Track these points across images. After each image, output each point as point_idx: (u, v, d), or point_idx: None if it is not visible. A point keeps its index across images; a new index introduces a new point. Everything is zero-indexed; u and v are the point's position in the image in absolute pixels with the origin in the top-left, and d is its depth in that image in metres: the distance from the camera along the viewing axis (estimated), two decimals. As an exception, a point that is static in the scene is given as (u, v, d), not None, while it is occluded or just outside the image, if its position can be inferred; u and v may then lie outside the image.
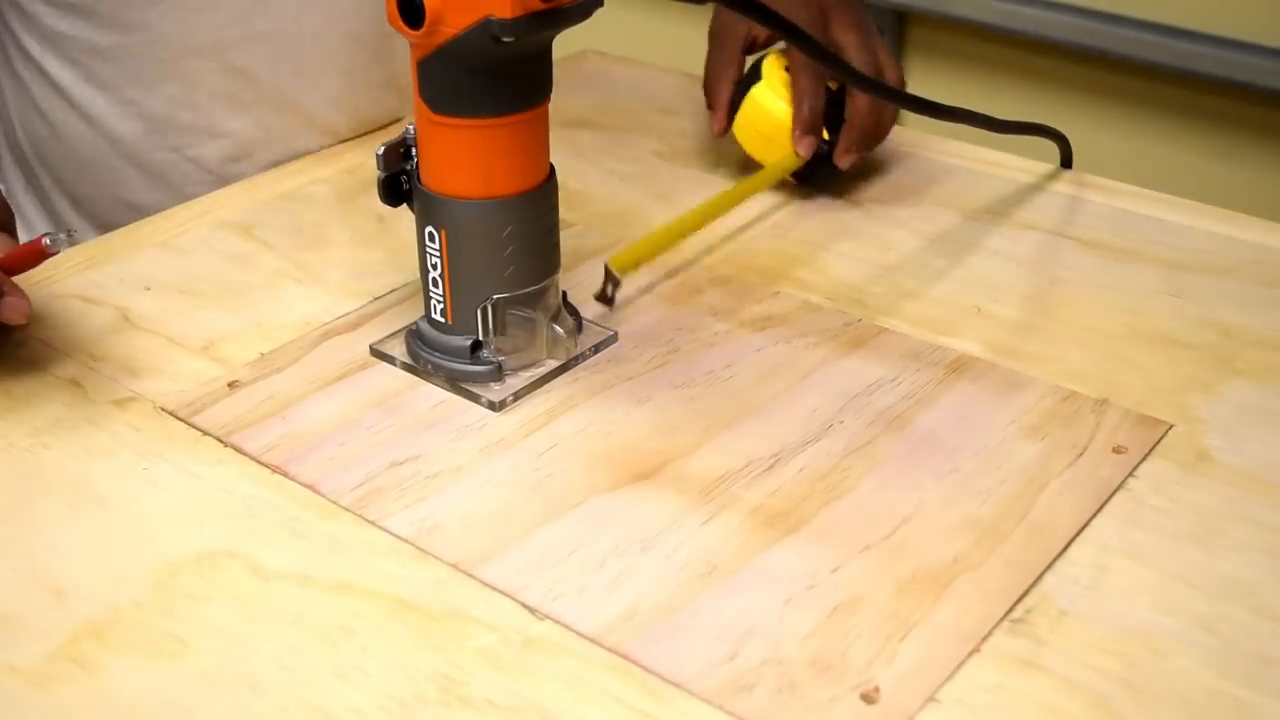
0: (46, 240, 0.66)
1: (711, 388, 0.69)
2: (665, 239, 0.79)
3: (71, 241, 0.71)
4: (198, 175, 0.94)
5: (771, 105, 0.86)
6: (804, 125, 0.84)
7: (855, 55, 0.84)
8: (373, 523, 0.60)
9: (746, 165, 0.89)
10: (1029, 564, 0.57)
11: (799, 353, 0.71)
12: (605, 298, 0.74)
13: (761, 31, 0.88)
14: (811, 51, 0.70)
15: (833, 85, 0.86)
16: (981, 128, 0.84)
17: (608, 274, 0.74)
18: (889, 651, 0.53)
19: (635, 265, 0.77)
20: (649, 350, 0.72)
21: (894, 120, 0.88)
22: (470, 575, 0.57)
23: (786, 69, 0.86)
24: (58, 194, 0.98)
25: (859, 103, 0.84)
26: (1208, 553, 0.58)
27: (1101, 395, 0.68)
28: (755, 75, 0.87)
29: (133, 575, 0.57)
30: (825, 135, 0.85)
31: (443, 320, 0.69)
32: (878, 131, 0.86)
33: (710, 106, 0.89)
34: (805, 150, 0.84)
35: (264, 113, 0.92)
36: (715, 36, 0.90)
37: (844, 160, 0.85)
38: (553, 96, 0.66)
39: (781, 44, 0.88)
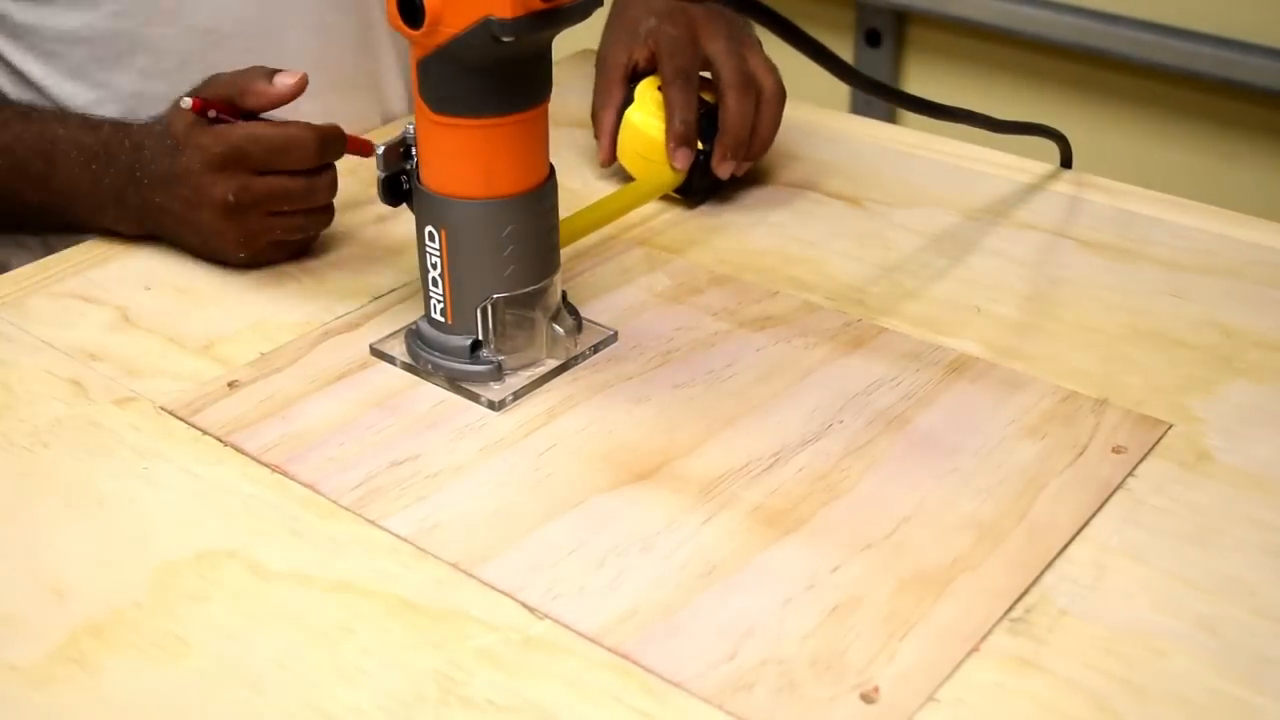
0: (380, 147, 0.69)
1: (711, 387, 0.69)
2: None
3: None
4: None
5: (645, 125, 0.86)
6: (678, 138, 0.83)
7: (724, 63, 0.84)
8: (373, 522, 0.60)
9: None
10: (1029, 564, 0.57)
11: (799, 353, 0.71)
12: None
13: (643, 58, 0.88)
14: (810, 52, 0.70)
15: (708, 98, 0.85)
16: (981, 128, 0.84)
17: None
18: (889, 651, 0.53)
19: None
20: (649, 350, 0.72)
21: (774, 126, 0.86)
22: (470, 575, 0.57)
23: (660, 67, 0.86)
24: None
25: (730, 110, 0.84)
26: (1208, 553, 0.58)
27: (1101, 395, 0.68)
28: (631, 100, 0.88)
29: (133, 575, 0.57)
30: (702, 146, 0.84)
31: (443, 320, 0.69)
32: (755, 138, 0.86)
33: (596, 136, 0.89)
34: (681, 162, 0.84)
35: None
36: (599, 66, 0.90)
37: (722, 169, 0.85)
38: (553, 96, 0.66)
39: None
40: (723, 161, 0.84)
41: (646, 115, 0.86)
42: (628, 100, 0.88)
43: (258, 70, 0.76)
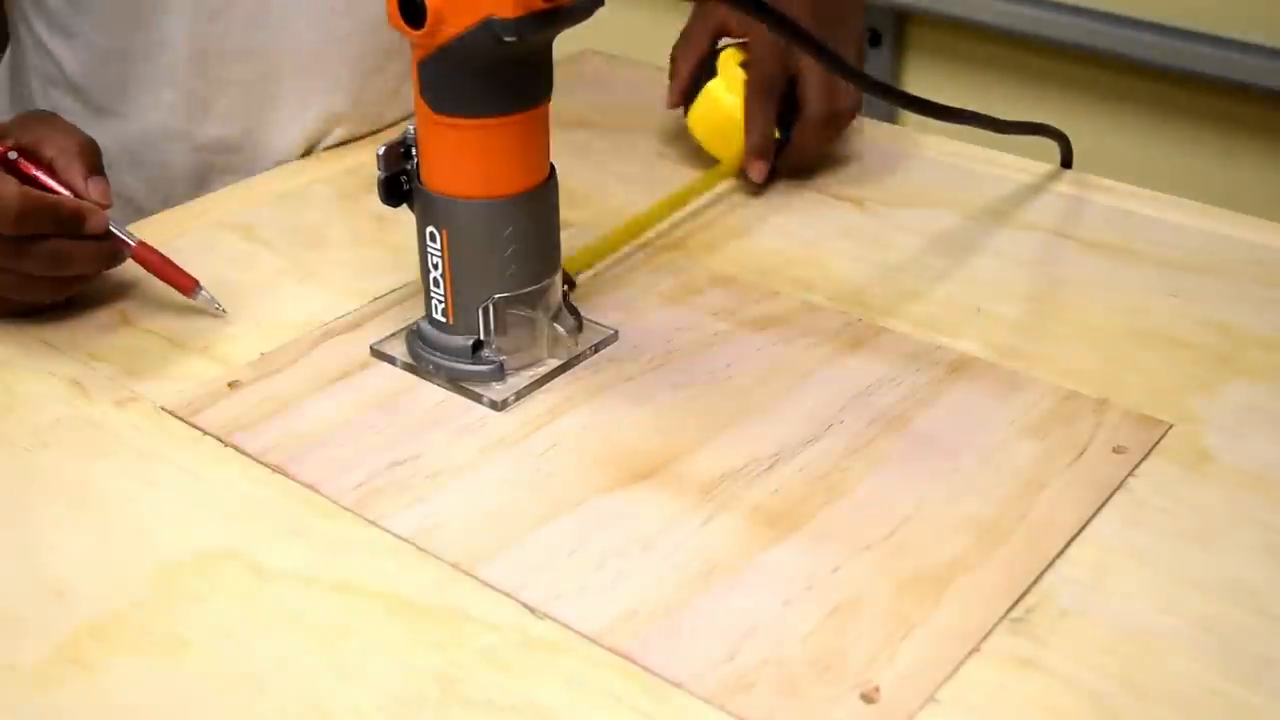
0: (201, 291, 0.74)
1: (711, 388, 0.69)
2: (621, 238, 0.80)
3: (214, 309, 0.75)
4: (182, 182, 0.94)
5: (725, 101, 0.87)
6: (755, 151, 0.86)
7: (812, 89, 0.85)
8: (373, 522, 0.60)
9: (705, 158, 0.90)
10: (1029, 564, 0.57)
11: (799, 353, 0.71)
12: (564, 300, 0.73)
13: (733, 23, 0.89)
14: (813, 51, 0.70)
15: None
16: (983, 128, 0.84)
17: (564, 275, 0.73)
18: (889, 651, 0.53)
19: (589, 265, 0.78)
20: (649, 350, 0.72)
21: (833, 141, 0.89)
22: (470, 575, 0.57)
23: (742, 64, 0.87)
24: None
25: (807, 141, 0.87)
26: (1208, 553, 0.58)
27: (1101, 395, 0.68)
28: (713, 70, 0.89)
29: (133, 575, 0.57)
30: (777, 134, 0.86)
31: (444, 320, 0.69)
32: (826, 145, 0.89)
33: (670, 77, 0.91)
34: (758, 175, 0.86)
35: (246, 116, 0.92)
36: (693, 17, 0.92)
37: (787, 171, 0.88)
38: (553, 96, 0.66)
39: (739, 41, 0.90)
40: (787, 169, 0.88)
41: (728, 91, 0.87)
42: (710, 63, 0.88)
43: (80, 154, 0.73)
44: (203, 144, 0.93)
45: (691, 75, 0.89)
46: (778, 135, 0.87)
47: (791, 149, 0.87)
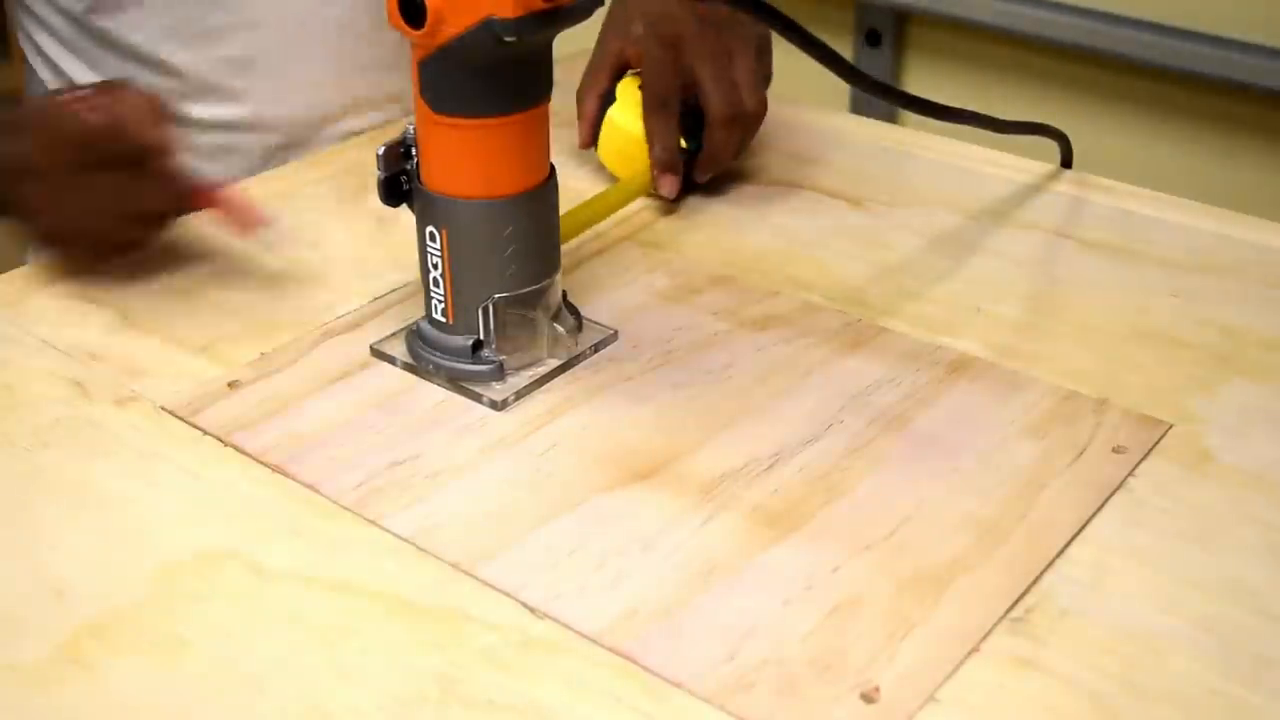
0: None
1: (711, 388, 0.69)
2: None
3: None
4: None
5: (627, 124, 0.86)
6: (661, 165, 0.84)
7: (711, 93, 0.84)
8: (373, 522, 0.60)
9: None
10: (1029, 564, 0.57)
11: (799, 353, 0.71)
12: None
13: (632, 56, 0.87)
14: (813, 51, 0.70)
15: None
16: (983, 128, 0.84)
17: None
18: (889, 651, 0.53)
19: None
20: (649, 350, 0.72)
21: (748, 144, 0.88)
22: (470, 575, 0.57)
23: (640, 87, 0.86)
24: None
25: (716, 142, 0.85)
26: (1208, 553, 0.58)
27: (1101, 395, 0.68)
28: (613, 97, 0.88)
29: (133, 575, 0.57)
30: (686, 146, 0.85)
31: (444, 320, 0.69)
32: (737, 151, 0.88)
33: (578, 118, 0.89)
34: (669, 189, 0.85)
35: (233, 93, 0.96)
36: (595, 49, 0.90)
37: (702, 179, 0.87)
38: (553, 96, 0.66)
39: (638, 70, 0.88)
40: (704, 175, 0.86)
41: (628, 114, 0.86)
42: (610, 94, 0.88)
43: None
44: (195, 124, 0.95)
45: (597, 111, 0.88)
46: (686, 146, 0.85)
47: (704, 156, 0.85)
